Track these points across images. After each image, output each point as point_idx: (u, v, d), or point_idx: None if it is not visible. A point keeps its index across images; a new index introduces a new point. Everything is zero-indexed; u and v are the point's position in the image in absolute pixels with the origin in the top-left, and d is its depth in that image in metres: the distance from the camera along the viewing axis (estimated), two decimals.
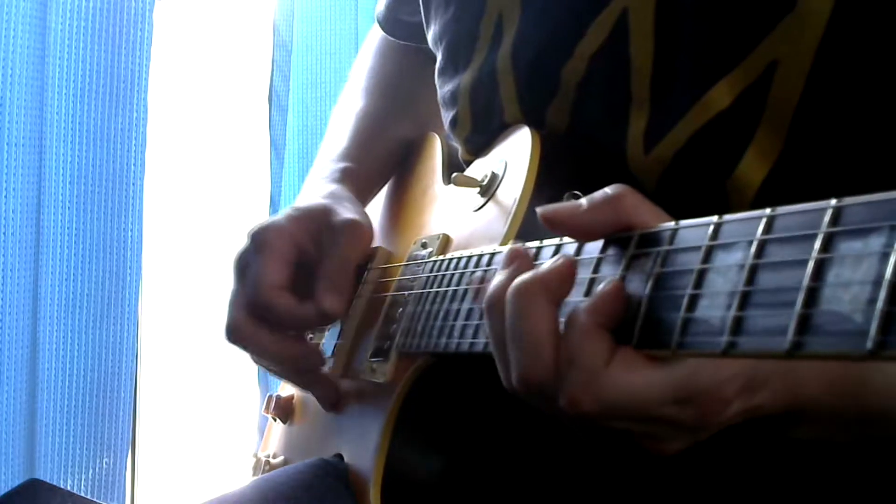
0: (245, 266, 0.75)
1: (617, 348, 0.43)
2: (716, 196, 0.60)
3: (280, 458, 0.88)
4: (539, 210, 0.48)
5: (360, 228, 0.76)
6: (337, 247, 0.74)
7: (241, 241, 0.77)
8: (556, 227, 0.47)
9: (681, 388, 0.43)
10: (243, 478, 0.88)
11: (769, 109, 0.58)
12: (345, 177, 0.85)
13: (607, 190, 0.47)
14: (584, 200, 0.47)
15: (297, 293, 0.74)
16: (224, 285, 0.77)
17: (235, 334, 0.74)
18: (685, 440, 0.47)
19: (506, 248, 0.56)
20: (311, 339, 0.84)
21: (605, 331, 0.43)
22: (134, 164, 1.68)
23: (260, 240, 0.75)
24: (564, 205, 0.47)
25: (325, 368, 0.77)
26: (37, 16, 1.60)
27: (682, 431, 0.46)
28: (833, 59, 0.55)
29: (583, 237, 0.48)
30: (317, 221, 0.76)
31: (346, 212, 0.77)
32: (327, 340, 0.81)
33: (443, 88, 0.79)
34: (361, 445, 0.69)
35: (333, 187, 0.83)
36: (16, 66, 1.57)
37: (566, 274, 0.46)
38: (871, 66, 0.55)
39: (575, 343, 0.44)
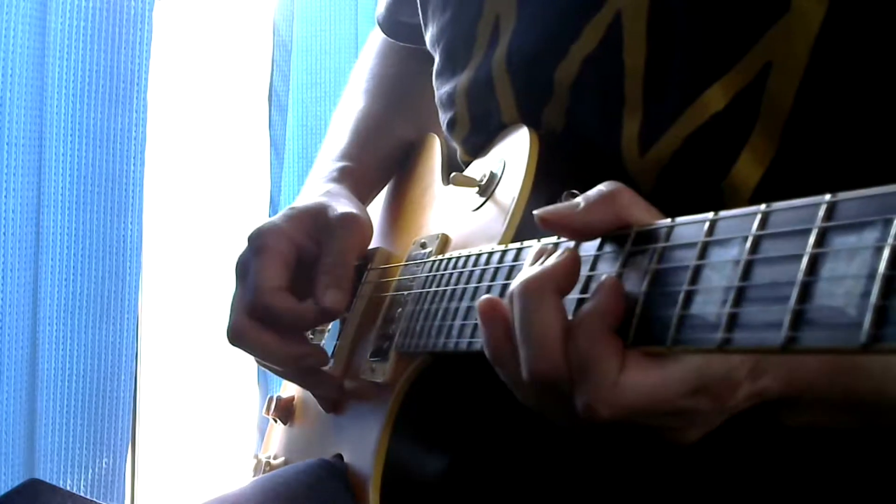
0: (245, 269, 0.75)
1: (626, 352, 0.43)
2: (712, 197, 0.60)
3: (280, 459, 0.88)
4: (536, 212, 0.47)
5: (357, 221, 0.76)
6: (335, 241, 0.74)
7: (242, 242, 0.77)
8: (553, 228, 0.47)
9: (695, 379, 0.44)
10: (243, 478, 0.88)
11: (763, 111, 0.58)
12: (342, 175, 0.85)
13: (602, 187, 0.47)
14: (580, 199, 0.47)
15: (298, 291, 0.74)
16: (224, 285, 0.77)
17: (237, 337, 0.74)
18: (703, 427, 0.48)
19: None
20: (310, 339, 0.84)
21: (613, 334, 0.43)
22: (134, 164, 1.68)
23: (257, 243, 0.75)
24: (561, 206, 0.47)
25: (327, 368, 0.77)
26: (37, 16, 1.60)
27: (700, 419, 0.47)
28: (827, 61, 0.55)
29: (580, 237, 0.48)
30: (314, 218, 0.76)
31: (343, 207, 0.77)
32: (327, 341, 0.81)
33: (440, 90, 0.79)
34: (360, 445, 0.69)
35: (330, 186, 0.83)
36: (16, 66, 1.57)
37: (571, 268, 0.46)
38: (865, 68, 0.55)
39: (585, 349, 0.43)
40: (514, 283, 0.47)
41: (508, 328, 0.48)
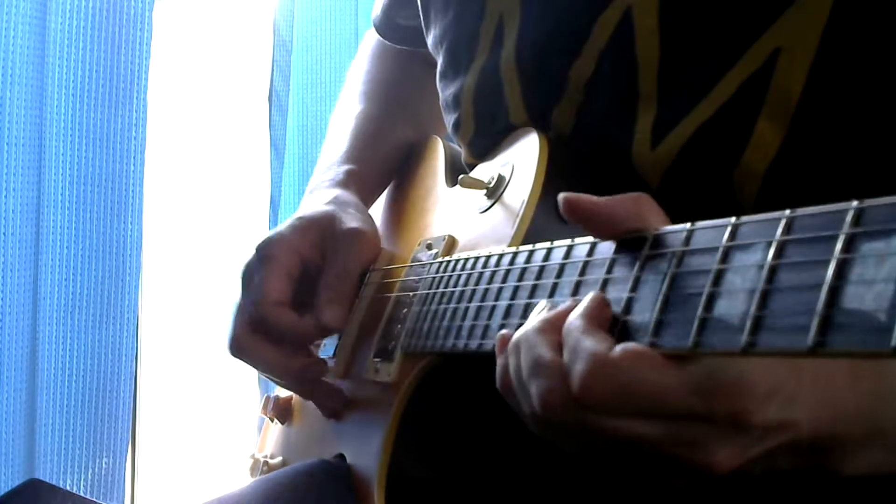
0: (250, 278, 0.77)
1: (619, 344, 0.43)
2: (722, 186, 0.60)
3: (278, 459, 0.87)
4: (561, 195, 0.48)
5: (364, 237, 0.77)
6: (339, 257, 0.75)
7: (242, 242, 0.78)
8: (574, 213, 0.48)
9: (702, 377, 0.41)
10: (243, 478, 0.88)
11: (770, 97, 0.58)
12: (349, 179, 0.85)
13: (629, 193, 0.48)
14: (605, 198, 0.48)
15: (301, 304, 0.75)
16: (224, 285, 0.78)
17: (238, 348, 0.76)
18: (730, 446, 0.43)
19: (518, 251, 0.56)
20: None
21: (602, 329, 0.44)
22: (134, 164, 1.68)
23: (264, 253, 0.76)
24: (586, 195, 0.48)
25: (329, 368, 0.78)
26: (37, 16, 1.60)
27: (721, 432, 0.43)
28: (836, 47, 0.55)
29: (597, 229, 0.48)
30: (321, 230, 0.77)
31: (351, 220, 0.78)
32: (329, 340, 0.81)
33: (444, 92, 0.79)
34: (364, 446, 0.69)
35: (338, 192, 0.83)
36: (16, 66, 1.57)
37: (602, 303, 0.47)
38: (875, 53, 0.55)
39: (573, 341, 0.44)
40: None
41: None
